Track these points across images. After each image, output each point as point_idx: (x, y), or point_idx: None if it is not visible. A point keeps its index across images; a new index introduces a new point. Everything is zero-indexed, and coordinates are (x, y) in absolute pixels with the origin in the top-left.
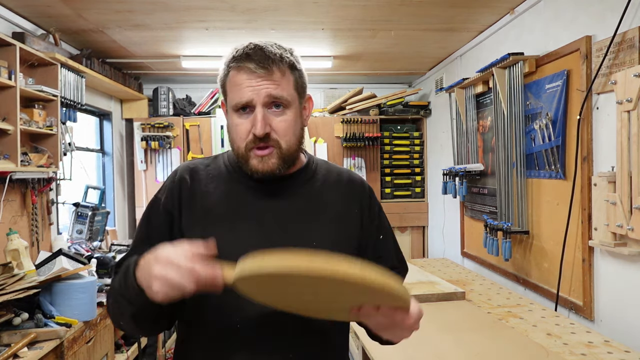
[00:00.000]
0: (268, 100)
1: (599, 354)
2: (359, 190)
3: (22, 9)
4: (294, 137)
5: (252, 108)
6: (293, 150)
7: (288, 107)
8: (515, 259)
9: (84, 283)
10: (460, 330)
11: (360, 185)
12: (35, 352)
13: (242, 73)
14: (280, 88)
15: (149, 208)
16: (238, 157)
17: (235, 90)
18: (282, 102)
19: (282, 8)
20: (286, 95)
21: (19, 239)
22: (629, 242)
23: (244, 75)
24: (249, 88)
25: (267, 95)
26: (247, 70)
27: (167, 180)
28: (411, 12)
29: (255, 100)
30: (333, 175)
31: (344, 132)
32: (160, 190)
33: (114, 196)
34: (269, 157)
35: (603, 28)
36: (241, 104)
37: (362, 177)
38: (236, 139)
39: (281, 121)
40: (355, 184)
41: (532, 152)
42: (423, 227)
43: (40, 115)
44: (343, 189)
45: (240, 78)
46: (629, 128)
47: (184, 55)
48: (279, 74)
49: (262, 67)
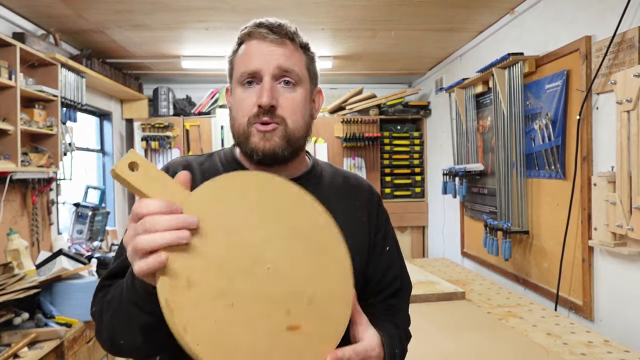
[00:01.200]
0: (278, 72)
1: (598, 354)
2: (367, 196)
3: (23, 9)
4: (301, 120)
5: (259, 80)
6: (299, 135)
7: (298, 85)
8: (515, 258)
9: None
10: (460, 330)
11: (368, 191)
12: (36, 352)
13: (253, 40)
14: (292, 62)
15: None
16: (238, 137)
17: (243, 59)
18: (292, 78)
19: (282, 8)
20: (297, 70)
21: (19, 239)
22: (629, 242)
23: (254, 42)
24: (259, 55)
25: (277, 66)
26: (258, 36)
27: None
28: (411, 12)
29: (263, 70)
30: (339, 179)
31: (344, 132)
32: None
33: (114, 196)
34: (272, 134)
35: (603, 28)
36: (248, 72)
37: (369, 182)
38: (238, 114)
39: (289, 98)
40: (363, 190)
41: (532, 152)
42: (423, 227)
43: (40, 115)
44: (350, 194)
45: (250, 46)
46: (629, 128)
47: (184, 56)
48: (291, 47)
49: (274, 34)
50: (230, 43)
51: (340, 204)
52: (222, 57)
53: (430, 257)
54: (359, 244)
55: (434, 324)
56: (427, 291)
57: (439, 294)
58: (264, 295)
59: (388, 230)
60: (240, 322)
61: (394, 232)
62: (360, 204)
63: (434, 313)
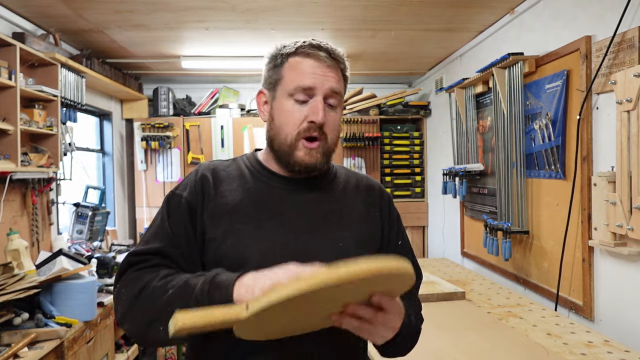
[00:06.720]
0: (329, 93)
1: (598, 354)
2: (378, 195)
3: (22, 9)
4: (337, 137)
5: (309, 97)
6: (332, 150)
7: (338, 107)
8: (515, 258)
9: (84, 283)
10: (460, 330)
11: (379, 191)
12: (36, 352)
13: (310, 60)
14: (339, 86)
15: (167, 204)
16: (281, 146)
17: (298, 74)
18: (337, 100)
19: (282, 8)
20: (341, 93)
21: (19, 239)
22: (629, 242)
23: (310, 62)
24: (315, 75)
25: (330, 87)
26: (316, 57)
27: (188, 178)
28: (411, 12)
29: (318, 89)
30: (352, 180)
31: (344, 132)
32: (179, 187)
33: (114, 196)
34: (316, 150)
35: (603, 28)
36: (303, 87)
37: (380, 183)
38: (287, 125)
39: (332, 117)
40: (375, 190)
41: (532, 152)
42: (423, 227)
43: (40, 115)
44: (363, 194)
45: (307, 64)
46: (629, 128)
47: (184, 56)
48: (340, 72)
49: (331, 59)
50: (230, 43)
51: (354, 200)
52: (222, 57)
53: (430, 257)
54: (372, 233)
55: (434, 324)
56: (427, 291)
57: (439, 294)
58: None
59: (400, 228)
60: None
61: (404, 229)
62: (373, 202)
63: (434, 313)
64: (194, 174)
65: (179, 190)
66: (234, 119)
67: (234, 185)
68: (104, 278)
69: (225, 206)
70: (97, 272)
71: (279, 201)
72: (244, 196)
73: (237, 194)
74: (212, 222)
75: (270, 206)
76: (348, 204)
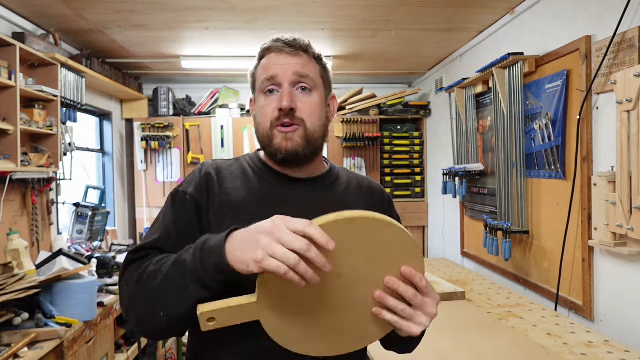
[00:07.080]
0: (295, 78)
1: (598, 354)
2: (379, 197)
3: (22, 9)
4: (319, 121)
5: (279, 87)
6: (317, 136)
7: (313, 90)
8: (515, 258)
9: (84, 283)
10: (460, 330)
11: (380, 193)
12: (36, 352)
13: (272, 53)
14: (307, 69)
15: (172, 200)
16: (263, 140)
17: (264, 70)
18: (308, 84)
19: (282, 8)
20: (312, 76)
21: (19, 239)
22: (629, 242)
23: (272, 55)
24: (276, 65)
25: (293, 72)
26: (275, 49)
27: (192, 175)
28: (411, 12)
29: (281, 77)
30: (354, 181)
31: (344, 132)
32: (183, 184)
33: (114, 196)
34: (293, 134)
35: (603, 28)
36: (267, 77)
37: (381, 185)
38: (263, 118)
39: (307, 102)
40: (376, 192)
41: (532, 152)
42: (423, 227)
43: (40, 115)
44: (364, 195)
45: (270, 59)
46: (629, 128)
47: (184, 56)
48: (306, 57)
49: (289, 46)
50: (230, 43)
51: (355, 201)
52: (222, 57)
53: (430, 257)
54: None
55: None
56: None
57: (439, 293)
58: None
59: None
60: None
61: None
62: (374, 203)
63: None
64: (198, 171)
65: (183, 186)
66: (234, 119)
67: (237, 183)
68: (104, 278)
69: (229, 204)
70: (97, 272)
71: (282, 200)
72: (248, 194)
73: (241, 192)
74: (216, 218)
75: (273, 205)
76: (350, 204)
